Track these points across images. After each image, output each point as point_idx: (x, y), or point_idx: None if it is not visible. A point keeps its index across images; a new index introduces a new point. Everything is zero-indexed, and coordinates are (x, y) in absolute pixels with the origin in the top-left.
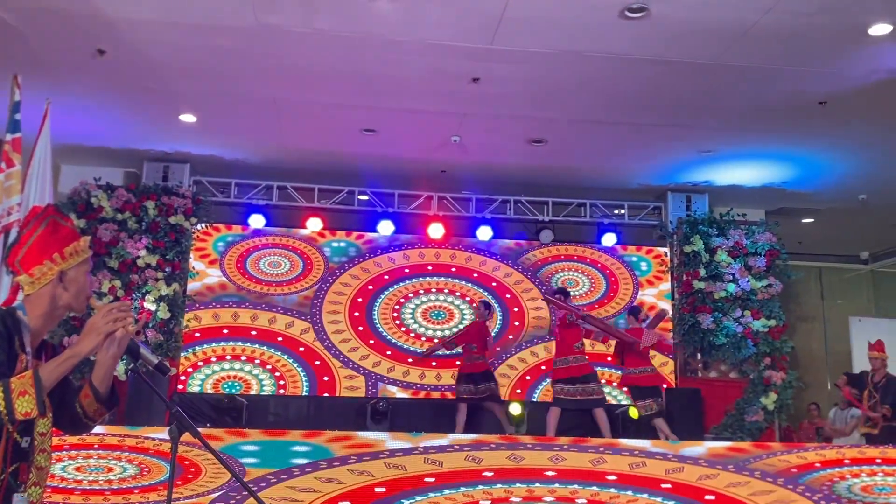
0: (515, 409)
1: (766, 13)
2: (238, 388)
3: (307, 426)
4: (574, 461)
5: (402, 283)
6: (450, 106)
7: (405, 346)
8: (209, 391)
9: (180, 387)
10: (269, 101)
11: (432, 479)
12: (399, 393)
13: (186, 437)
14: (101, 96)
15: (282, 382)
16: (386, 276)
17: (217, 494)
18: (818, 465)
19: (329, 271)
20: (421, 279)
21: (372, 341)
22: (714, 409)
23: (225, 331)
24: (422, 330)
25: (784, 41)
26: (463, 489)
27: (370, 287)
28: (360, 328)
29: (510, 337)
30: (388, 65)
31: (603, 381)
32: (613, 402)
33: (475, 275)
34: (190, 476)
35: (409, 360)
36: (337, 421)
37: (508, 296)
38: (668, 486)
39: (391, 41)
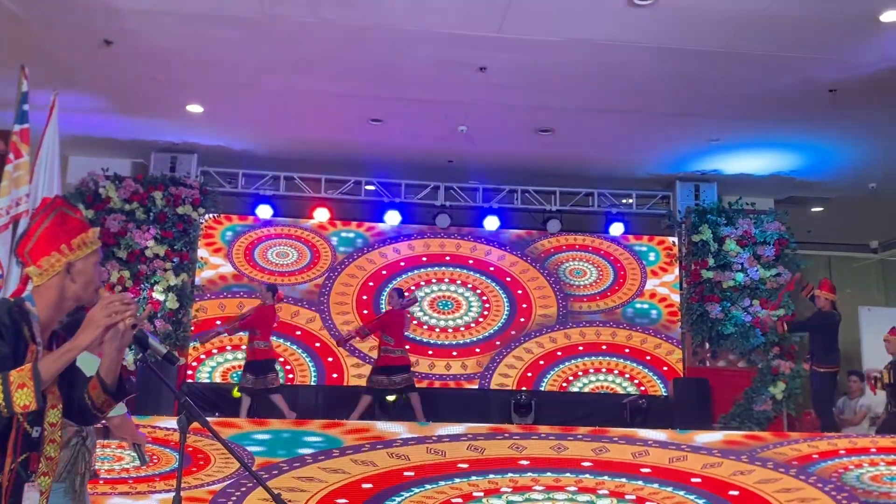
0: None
1: (776, 0)
2: None
3: (314, 415)
4: (617, 453)
5: (409, 273)
6: (456, 95)
7: (413, 336)
8: (218, 381)
9: (189, 373)
10: (276, 91)
11: (465, 466)
12: None
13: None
14: (108, 87)
15: (288, 368)
16: (402, 263)
17: (227, 483)
18: (815, 456)
19: (336, 261)
20: (427, 269)
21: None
22: (722, 398)
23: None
24: (426, 318)
25: (793, 28)
26: (491, 476)
27: (374, 281)
28: (366, 312)
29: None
30: (394, 54)
31: (616, 371)
32: (622, 391)
33: (484, 265)
34: (201, 464)
35: (407, 346)
36: (344, 410)
37: (515, 285)
38: (698, 480)
39: (398, 30)
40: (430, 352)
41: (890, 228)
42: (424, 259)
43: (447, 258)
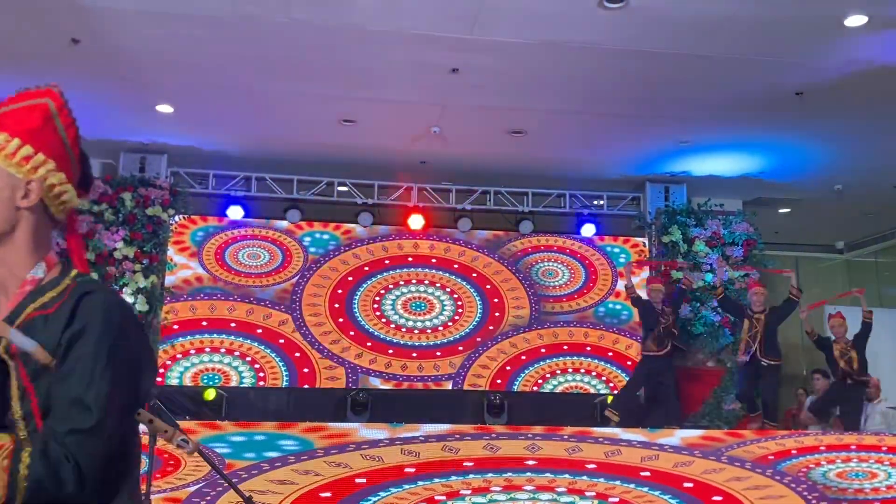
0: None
1: (744, 4)
2: (217, 380)
3: (287, 418)
4: (627, 456)
5: (382, 275)
6: (429, 96)
7: (386, 338)
8: (188, 384)
9: (159, 379)
10: (248, 91)
11: (470, 464)
12: (379, 384)
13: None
14: (75, 86)
15: (261, 374)
16: (366, 268)
17: (200, 486)
18: (771, 457)
19: (308, 263)
20: (401, 270)
21: (352, 333)
22: (691, 397)
23: (204, 323)
24: (396, 319)
25: (761, 32)
26: (489, 475)
27: (350, 279)
28: (341, 319)
29: None
30: (366, 55)
31: (594, 372)
32: (592, 391)
33: (455, 266)
34: (171, 467)
35: (390, 350)
36: (317, 412)
37: (489, 286)
38: (690, 485)
39: (370, 31)
40: (391, 351)
41: (855, 229)
42: (410, 259)
43: (409, 259)
